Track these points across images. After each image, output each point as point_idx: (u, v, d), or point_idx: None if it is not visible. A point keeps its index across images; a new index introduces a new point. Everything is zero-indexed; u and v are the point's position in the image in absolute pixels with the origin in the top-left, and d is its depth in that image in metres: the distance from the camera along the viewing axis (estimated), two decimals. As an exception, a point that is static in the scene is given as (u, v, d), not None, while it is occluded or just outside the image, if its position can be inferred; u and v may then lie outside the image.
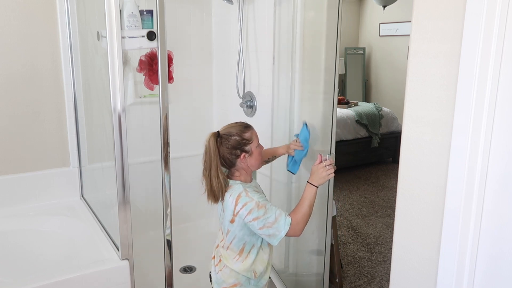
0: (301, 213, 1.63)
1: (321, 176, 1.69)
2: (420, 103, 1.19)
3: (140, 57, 2.01)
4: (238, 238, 1.67)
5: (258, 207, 1.58)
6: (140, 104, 2.69)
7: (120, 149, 1.76)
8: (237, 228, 1.64)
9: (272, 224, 1.58)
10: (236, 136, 1.65)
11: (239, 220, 1.62)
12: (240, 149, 1.65)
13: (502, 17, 0.97)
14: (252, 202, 1.59)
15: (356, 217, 3.78)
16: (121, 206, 1.83)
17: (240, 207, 1.59)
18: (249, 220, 1.59)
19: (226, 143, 1.65)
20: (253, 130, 1.71)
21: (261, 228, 1.59)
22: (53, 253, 2.20)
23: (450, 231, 1.14)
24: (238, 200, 1.60)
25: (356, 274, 2.86)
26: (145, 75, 2.03)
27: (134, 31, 1.74)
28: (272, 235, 1.60)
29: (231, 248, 1.70)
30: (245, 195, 1.61)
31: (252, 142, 1.68)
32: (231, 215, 1.63)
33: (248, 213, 1.58)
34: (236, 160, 1.66)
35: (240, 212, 1.60)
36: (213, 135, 1.66)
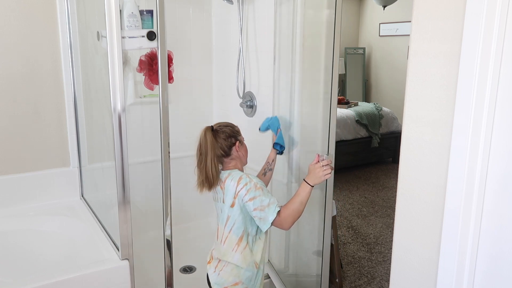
0: (290, 208, 1.67)
1: (317, 176, 1.70)
2: (420, 103, 1.19)
3: (140, 57, 2.01)
4: (238, 224, 1.71)
5: (255, 188, 1.66)
6: (140, 104, 2.69)
7: (120, 149, 1.76)
8: (237, 212, 1.69)
9: (264, 208, 1.65)
10: (229, 127, 1.78)
11: (238, 202, 1.68)
12: (234, 137, 1.77)
13: (502, 17, 0.97)
14: (251, 183, 1.67)
15: (356, 217, 3.78)
16: (121, 206, 1.83)
17: (241, 187, 1.67)
18: (246, 200, 1.66)
19: (222, 133, 1.75)
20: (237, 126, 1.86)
21: (255, 209, 1.65)
22: (53, 253, 2.20)
23: (450, 231, 1.14)
24: (240, 181, 1.68)
25: (356, 274, 2.86)
26: (145, 75, 2.03)
27: (134, 31, 1.74)
28: (263, 218, 1.66)
29: (230, 238, 1.73)
30: (245, 177, 1.70)
31: (240, 135, 1.82)
32: (232, 198, 1.69)
33: (247, 193, 1.65)
34: (232, 148, 1.75)
35: (240, 192, 1.66)
36: (208, 128, 1.75)
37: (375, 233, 3.46)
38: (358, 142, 5.08)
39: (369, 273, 2.87)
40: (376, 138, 5.16)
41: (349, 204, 4.10)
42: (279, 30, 2.23)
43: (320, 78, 2.16)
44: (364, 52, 6.93)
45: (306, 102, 2.20)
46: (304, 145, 2.24)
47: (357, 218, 3.77)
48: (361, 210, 3.94)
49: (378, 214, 3.84)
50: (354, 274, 2.86)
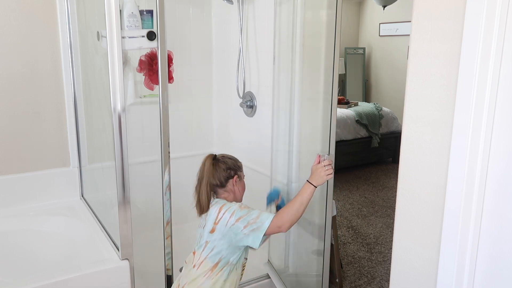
0: (289, 208, 1.67)
1: (320, 176, 1.71)
2: (420, 103, 1.19)
3: (140, 57, 2.01)
4: (216, 250, 1.66)
5: (240, 209, 1.65)
6: (140, 104, 2.69)
7: (120, 149, 1.76)
8: (217, 237, 1.65)
9: (256, 219, 1.63)
10: (231, 159, 1.78)
11: (220, 228, 1.64)
12: (233, 170, 1.75)
13: (502, 17, 0.97)
14: (235, 205, 1.67)
15: (356, 217, 3.78)
16: (121, 206, 1.83)
17: (223, 212, 1.64)
18: (233, 223, 1.62)
19: (222, 163, 1.75)
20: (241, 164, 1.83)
21: (245, 227, 1.62)
22: (53, 253, 2.20)
23: (450, 231, 1.14)
24: (222, 208, 1.66)
25: (356, 274, 2.86)
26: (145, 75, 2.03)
27: (134, 31, 1.74)
28: (256, 228, 1.62)
29: (205, 262, 1.67)
30: (228, 203, 1.69)
31: (242, 171, 1.80)
32: (212, 223, 1.66)
33: (231, 215, 1.63)
34: (228, 181, 1.74)
35: (223, 217, 1.64)
36: (210, 156, 1.77)
37: (375, 233, 3.46)
38: (358, 142, 5.08)
39: (369, 273, 2.87)
40: (376, 138, 5.16)
41: (349, 204, 4.10)
42: (278, 30, 2.23)
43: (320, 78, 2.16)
44: (364, 52, 6.93)
45: (306, 102, 2.20)
46: (304, 145, 2.24)
47: (357, 218, 3.77)
48: (361, 210, 3.94)
49: (378, 214, 3.84)
50: (354, 274, 2.86)
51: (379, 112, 5.30)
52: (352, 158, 5.08)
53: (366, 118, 5.12)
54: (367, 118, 5.13)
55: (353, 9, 7.02)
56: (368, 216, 3.81)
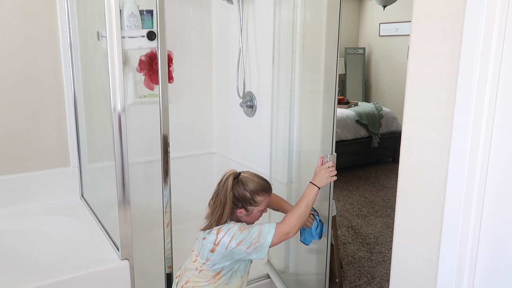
0: (295, 211, 1.63)
1: (324, 177, 1.69)
2: (420, 103, 1.19)
3: (140, 57, 2.01)
4: (218, 266, 1.61)
5: (240, 231, 1.56)
6: (140, 104, 2.69)
7: (120, 149, 1.76)
8: (218, 257, 1.59)
9: (258, 238, 1.56)
10: (248, 192, 1.60)
11: (220, 250, 1.57)
12: (243, 204, 1.61)
13: (502, 17, 0.97)
14: (235, 227, 1.57)
15: (356, 217, 3.78)
16: (121, 206, 1.83)
17: (222, 235, 1.56)
18: (233, 247, 1.55)
19: (236, 190, 1.60)
20: (268, 197, 1.65)
21: (248, 248, 1.56)
22: (53, 253, 2.20)
23: (450, 231, 1.14)
24: (220, 229, 1.58)
25: (356, 274, 2.86)
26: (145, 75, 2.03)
27: (134, 31, 1.74)
28: (259, 245, 1.56)
29: (206, 272, 1.63)
30: (226, 225, 1.59)
31: (258, 206, 1.63)
32: (212, 245, 1.58)
33: (231, 239, 1.55)
34: (234, 209, 1.62)
35: (222, 240, 1.56)
36: (233, 175, 1.61)
37: (375, 233, 3.46)
38: (358, 142, 5.09)
39: (369, 273, 2.87)
40: (376, 138, 5.16)
41: (349, 204, 4.10)
42: (278, 30, 2.23)
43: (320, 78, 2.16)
44: (364, 52, 6.93)
45: (306, 102, 2.20)
46: (304, 145, 2.24)
47: (357, 218, 3.77)
48: (361, 210, 3.94)
49: (378, 214, 3.84)
50: (354, 274, 2.86)
51: (379, 112, 5.30)
52: (352, 158, 5.08)
53: (366, 118, 5.12)
54: (367, 118, 5.13)
55: (353, 9, 7.02)
56: (368, 216, 3.81)
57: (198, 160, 3.03)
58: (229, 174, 1.61)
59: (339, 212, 3.89)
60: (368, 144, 5.16)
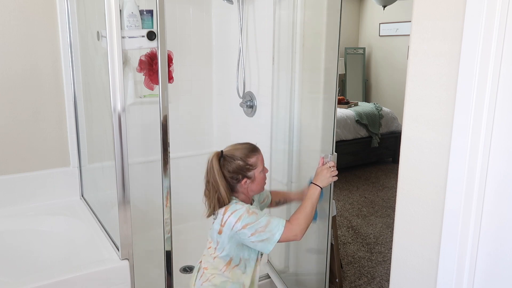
0: (302, 213, 1.61)
1: (326, 177, 1.69)
2: (420, 103, 1.19)
3: (140, 57, 2.01)
4: (225, 252, 1.61)
5: (248, 213, 1.53)
6: (140, 104, 2.69)
7: (120, 149, 1.76)
8: (225, 240, 1.58)
9: (264, 228, 1.53)
10: (239, 160, 1.58)
11: (226, 231, 1.56)
12: (242, 174, 1.59)
13: (502, 17, 0.97)
14: (242, 209, 1.54)
15: (356, 217, 3.78)
16: (121, 206, 1.83)
17: (229, 215, 1.54)
18: (239, 229, 1.52)
19: (228, 166, 1.58)
20: (259, 155, 1.64)
21: (253, 234, 1.52)
22: (53, 253, 2.20)
23: (450, 231, 1.14)
24: (227, 208, 1.56)
25: (356, 274, 2.86)
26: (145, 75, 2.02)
27: (134, 31, 1.74)
28: (266, 239, 1.53)
29: (218, 260, 1.64)
30: (235, 203, 1.57)
31: (256, 168, 1.61)
32: (219, 225, 1.57)
33: (238, 220, 1.52)
34: (237, 184, 1.60)
35: (228, 221, 1.54)
36: (215, 155, 1.58)
37: (375, 233, 3.46)
38: (358, 142, 5.09)
39: (369, 273, 2.87)
40: (376, 138, 5.16)
41: (349, 204, 4.10)
42: (278, 30, 2.23)
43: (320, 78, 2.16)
44: (364, 52, 6.93)
45: (306, 102, 2.20)
46: (304, 145, 2.24)
47: (357, 218, 3.77)
48: (361, 210, 3.94)
49: (378, 214, 3.84)
50: (354, 274, 2.86)
51: (379, 112, 5.30)
52: (352, 158, 5.08)
53: (366, 118, 5.12)
54: (367, 118, 5.14)
55: (353, 9, 7.02)
56: (368, 216, 3.81)
57: (198, 160, 3.02)
58: (212, 156, 1.58)
59: (339, 212, 3.89)
60: (368, 144, 5.16)
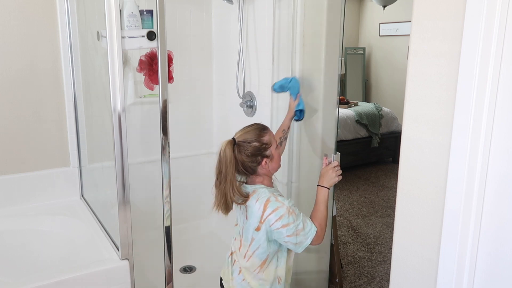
0: (321, 218, 1.61)
1: (331, 177, 1.68)
2: (420, 103, 1.19)
3: (140, 57, 2.01)
4: (262, 250, 1.58)
5: (289, 213, 1.52)
6: (140, 104, 2.69)
7: (120, 149, 1.76)
8: (263, 237, 1.56)
9: (300, 231, 1.53)
10: (255, 142, 1.55)
11: (265, 227, 1.54)
12: (260, 155, 1.56)
13: (502, 17, 0.97)
14: (283, 208, 1.52)
15: (356, 217, 3.78)
16: (121, 206, 1.83)
17: (270, 212, 1.51)
18: (277, 227, 1.51)
19: (245, 151, 1.55)
20: (270, 132, 1.62)
21: (289, 236, 1.52)
22: (53, 253, 2.20)
23: (450, 231, 1.14)
24: (267, 205, 1.52)
25: (356, 274, 2.86)
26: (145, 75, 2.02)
27: (134, 31, 1.74)
28: (299, 243, 1.55)
29: (254, 259, 1.61)
30: (274, 200, 1.53)
31: (272, 145, 1.59)
32: (258, 222, 1.54)
33: (278, 219, 1.51)
34: (258, 167, 1.57)
35: (269, 218, 1.52)
36: (229, 144, 1.55)
37: (375, 233, 3.46)
38: (358, 142, 5.09)
39: (369, 273, 2.87)
40: (376, 138, 5.17)
41: (349, 204, 4.10)
42: (278, 30, 2.23)
43: (320, 78, 2.16)
44: (364, 52, 6.93)
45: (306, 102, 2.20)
46: (304, 145, 2.25)
47: (357, 218, 3.77)
48: (361, 210, 3.94)
49: (378, 214, 3.84)
50: (354, 274, 2.86)
51: (379, 112, 5.30)
52: (352, 158, 5.08)
53: (366, 118, 5.12)
54: (367, 118, 5.14)
55: (353, 9, 7.02)
56: (368, 216, 3.81)
57: (198, 160, 3.02)
58: (225, 144, 1.54)
59: (339, 212, 3.89)
60: (368, 144, 5.16)
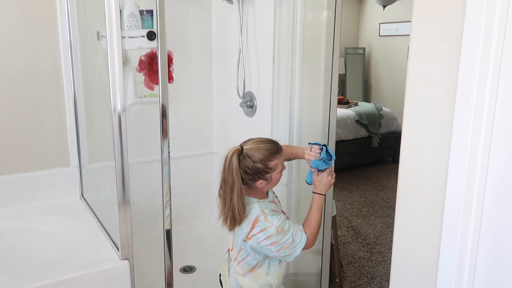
0: (313, 226, 1.62)
1: (325, 183, 1.67)
2: (420, 103, 1.19)
3: (140, 57, 2.01)
4: (251, 257, 1.60)
5: (277, 232, 1.51)
6: (140, 104, 2.69)
7: (120, 149, 1.76)
8: (249, 248, 1.58)
9: (289, 245, 1.55)
10: (259, 163, 1.49)
11: (252, 244, 1.55)
12: (258, 175, 1.52)
13: (502, 17, 0.97)
14: (272, 227, 1.50)
15: (356, 217, 3.78)
16: (121, 206, 1.83)
17: (257, 231, 1.51)
18: (266, 245, 1.52)
19: (246, 166, 1.49)
20: (281, 157, 1.55)
21: (278, 251, 1.54)
22: (53, 253, 2.20)
23: (450, 231, 1.14)
24: (256, 224, 1.51)
25: (356, 274, 2.86)
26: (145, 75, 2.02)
27: (134, 31, 1.74)
28: (289, 255, 1.57)
29: (243, 264, 1.63)
30: (263, 220, 1.51)
31: (276, 170, 1.55)
32: (244, 237, 1.55)
33: (266, 238, 1.51)
34: (252, 183, 1.55)
35: (256, 236, 1.51)
36: (236, 152, 1.48)
37: (375, 233, 3.46)
38: (358, 142, 5.09)
39: (369, 273, 2.87)
40: (376, 138, 5.16)
41: (349, 204, 4.10)
42: (278, 30, 2.23)
43: (320, 78, 2.16)
44: (364, 52, 6.93)
45: (306, 102, 2.20)
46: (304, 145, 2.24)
47: (357, 218, 3.77)
48: (361, 210, 3.94)
49: (378, 214, 3.84)
50: (354, 274, 2.86)
51: (379, 112, 5.30)
52: (352, 158, 5.08)
53: (366, 118, 5.12)
54: (367, 118, 5.14)
55: (353, 9, 7.02)
56: (368, 216, 3.81)
57: (198, 160, 3.02)
58: (232, 153, 1.47)
59: (339, 212, 3.89)
60: (368, 144, 5.16)
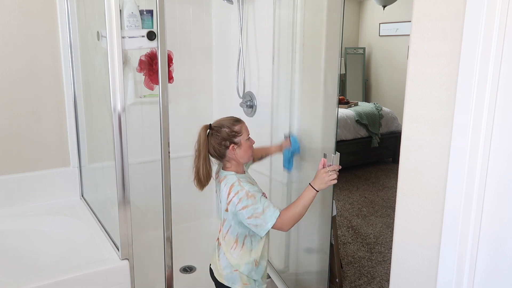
0: (292, 211, 1.66)
1: (323, 181, 1.67)
2: (420, 103, 1.19)
3: (140, 57, 2.00)
4: (232, 228, 1.73)
5: (247, 196, 1.64)
6: (140, 104, 2.69)
7: (120, 149, 1.76)
8: (230, 216, 1.70)
9: (260, 215, 1.63)
10: (226, 128, 1.72)
11: (231, 209, 1.68)
12: (229, 140, 1.71)
13: (502, 17, 0.97)
14: (243, 191, 1.66)
15: (356, 217, 3.78)
16: (121, 206, 1.83)
17: (233, 195, 1.66)
18: (239, 209, 1.65)
19: (217, 135, 1.72)
20: (243, 124, 1.77)
21: (249, 218, 1.64)
22: (53, 253, 2.20)
23: (450, 231, 1.14)
24: (231, 189, 1.67)
25: (356, 274, 2.86)
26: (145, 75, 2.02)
27: (134, 31, 1.74)
28: (259, 225, 1.64)
29: (228, 236, 1.75)
30: (237, 184, 1.68)
31: (242, 134, 1.74)
32: (225, 204, 1.69)
33: (239, 201, 1.64)
34: (226, 150, 1.72)
35: (232, 200, 1.66)
36: (204, 127, 1.74)
37: (375, 233, 3.46)
38: (358, 142, 5.09)
39: (369, 273, 2.87)
40: (376, 138, 5.16)
41: (349, 204, 4.10)
42: (278, 30, 2.23)
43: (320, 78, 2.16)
44: (364, 52, 6.93)
45: (306, 102, 2.20)
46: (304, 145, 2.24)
47: (357, 218, 3.77)
48: (361, 210, 3.94)
49: (378, 214, 3.84)
50: (354, 274, 2.86)
51: (379, 112, 5.30)
52: (352, 158, 5.08)
53: (366, 118, 5.12)
54: (367, 118, 5.13)
55: (353, 9, 7.02)
56: (368, 216, 3.81)
57: (198, 160, 3.02)
58: (201, 128, 1.74)
59: (339, 212, 3.89)
60: (368, 144, 5.16)
